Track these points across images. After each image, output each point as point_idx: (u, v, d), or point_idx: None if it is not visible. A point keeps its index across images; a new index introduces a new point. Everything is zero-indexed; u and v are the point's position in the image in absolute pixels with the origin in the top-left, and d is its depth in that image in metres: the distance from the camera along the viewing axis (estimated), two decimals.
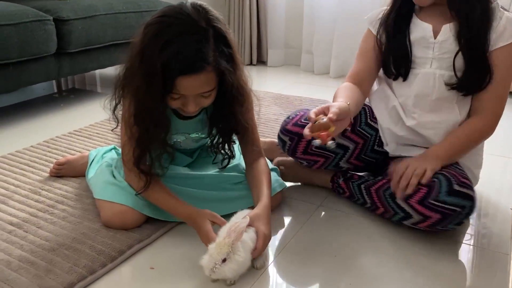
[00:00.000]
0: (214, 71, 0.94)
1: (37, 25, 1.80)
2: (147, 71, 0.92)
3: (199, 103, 0.99)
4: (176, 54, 0.89)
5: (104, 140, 1.69)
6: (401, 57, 1.15)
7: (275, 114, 2.06)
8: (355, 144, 1.24)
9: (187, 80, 0.92)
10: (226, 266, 0.88)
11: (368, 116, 1.26)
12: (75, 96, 2.43)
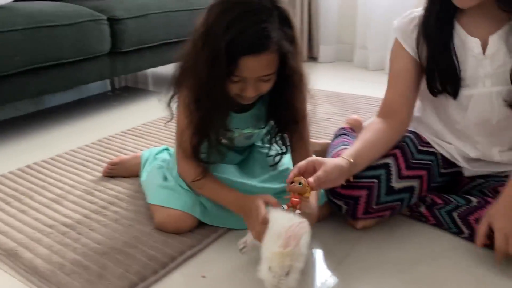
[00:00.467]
0: (277, 53, 0.92)
1: (91, 24, 1.82)
2: (211, 52, 0.90)
3: (258, 88, 0.96)
4: (240, 33, 0.88)
5: (156, 140, 1.69)
6: (448, 73, 0.99)
7: (328, 113, 1.99)
8: (419, 179, 1.06)
9: (251, 60, 0.90)
10: (290, 278, 0.80)
11: (416, 143, 1.10)
12: (128, 94, 2.46)
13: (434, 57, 1.00)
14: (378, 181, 1.02)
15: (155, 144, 1.63)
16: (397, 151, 1.06)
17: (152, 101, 2.26)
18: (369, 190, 1.02)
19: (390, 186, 1.02)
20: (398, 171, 1.03)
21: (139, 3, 2.07)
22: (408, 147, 1.08)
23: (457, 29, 0.99)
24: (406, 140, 1.09)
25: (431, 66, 1.01)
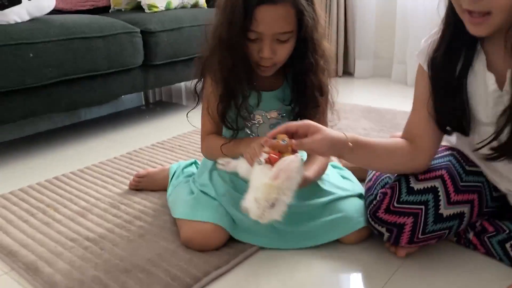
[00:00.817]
0: (293, 8, 0.92)
1: (124, 37, 1.81)
2: (230, 8, 0.92)
3: (275, 50, 0.95)
4: None
5: (185, 153, 1.64)
6: (459, 115, 0.88)
7: (365, 129, 1.89)
8: (470, 204, 0.94)
9: (266, 10, 0.90)
10: (275, 211, 0.80)
11: (462, 163, 0.97)
12: (161, 108, 2.46)
13: (438, 94, 0.89)
14: (426, 207, 0.91)
15: (184, 157, 1.59)
16: (443, 172, 0.93)
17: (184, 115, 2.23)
18: (415, 217, 0.91)
19: (438, 213, 0.91)
20: (447, 196, 0.91)
21: (173, 16, 2.06)
22: (455, 168, 0.95)
23: (477, 60, 0.85)
24: (451, 160, 0.97)
25: (441, 103, 0.89)
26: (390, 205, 0.93)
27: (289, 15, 0.92)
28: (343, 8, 2.89)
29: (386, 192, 0.95)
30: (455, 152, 1.00)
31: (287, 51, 0.97)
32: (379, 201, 0.95)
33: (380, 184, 1.02)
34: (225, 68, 0.99)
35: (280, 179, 0.79)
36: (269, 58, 0.96)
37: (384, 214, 0.94)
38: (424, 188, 0.92)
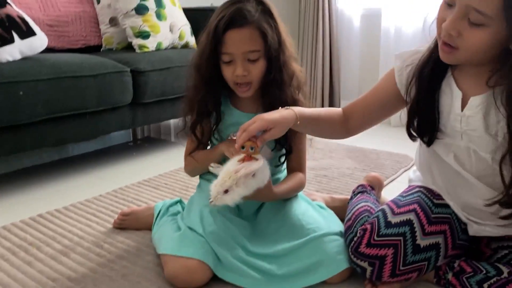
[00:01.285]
0: (257, 30, 1.05)
1: (115, 76, 1.85)
2: (206, 37, 1.07)
3: (248, 68, 1.06)
4: (225, 15, 1.04)
5: (171, 191, 1.65)
6: (427, 123, 0.98)
7: (349, 169, 1.93)
8: (443, 234, 1.00)
9: (233, 33, 1.03)
10: (227, 196, 0.94)
11: (430, 197, 1.05)
12: (148, 145, 2.47)
13: (418, 103, 0.98)
14: (404, 239, 0.97)
15: (170, 196, 1.60)
16: (416, 206, 1.02)
17: (172, 152, 2.26)
18: (395, 248, 0.97)
19: (416, 244, 0.97)
20: (422, 227, 0.98)
21: (163, 56, 2.12)
22: (425, 202, 1.03)
23: (448, 76, 0.96)
24: (420, 195, 1.05)
25: (414, 110, 1.00)
26: (371, 239, 0.99)
27: (254, 36, 1.05)
28: (328, 50, 3.00)
29: (366, 228, 1.01)
30: (422, 189, 1.08)
31: (259, 69, 1.08)
32: (360, 237, 1.01)
33: (360, 222, 1.08)
34: (198, 90, 1.13)
35: (240, 173, 0.92)
36: (243, 76, 1.07)
37: (366, 248, 0.99)
38: (400, 221, 0.99)
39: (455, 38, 0.83)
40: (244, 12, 1.04)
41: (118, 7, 2.17)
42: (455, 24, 0.82)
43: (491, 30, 0.80)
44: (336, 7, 3.00)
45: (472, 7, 0.79)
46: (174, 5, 2.36)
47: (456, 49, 0.85)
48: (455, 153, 0.97)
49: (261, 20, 1.05)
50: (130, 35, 2.18)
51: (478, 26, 0.80)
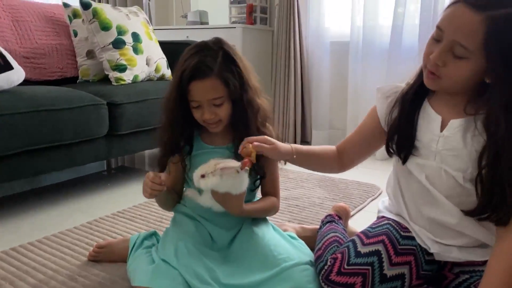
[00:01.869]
0: (219, 79, 1.12)
1: (91, 109, 1.89)
2: (173, 81, 1.16)
3: (214, 111, 1.14)
4: (188, 65, 1.12)
5: (146, 223, 1.68)
6: (405, 139, 1.08)
7: (320, 198, 2.00)
8: (408, 265, 1.07)
9: (196, 84, 1.11)
10: (202, 180, 1.05)
11: (398, 230, 1.12)
12: (123, 174, 2.48)
13: (399, 121, 1.09)
14: (372, 268, 1.04)
15: (145, 227, 1.63)
16: (384, 237, 1.09)
17: None
18: (363, 277, 1.03)
19: (383, 273, 1.04)
20: (389, 258, 1.05)
21: (139, 88, 2.17)
22: (392, 234, 1.11)
23: (425, 103, 1.08)
24: (389, 227, 1.13)
25: (394, 128, 1.10)
26: (341, 267, 1.05)
27: (217, 85, 1.12)
28: (300, 82, 3.12)
29: (336, 257, 1.08)
30: (391, 221, 1.15)
31: (225, 111, 1.16)
32: (331, 265, 1.07)
33: (330, 252, 1.15)
34: (169, 130, 1.21)
35: (219, 165, 1.03)
36: (211, 119, 1.15)
37: (336, 276, 1.04)
38: (369, 251, 1.06)
39: (441, 68, 0.95)
40: (205, 66, 1.11)
41: (96, 41, 2.23)
42: (441, 55, 0.94)
43: (471, 63, 0.91)
44: (307, 41, 3.14)
45: (457, 42, 0.91)
46: (151, 39, 2.44)
47: (440, 77, 0.97)
48: (427, 173, 1.05)
49: (221, 69, 1.12)
50: (107, 68, 2.23)
51: (461, 59, 0.92)
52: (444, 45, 0.93)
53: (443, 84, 0.98)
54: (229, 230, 1.22)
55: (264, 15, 3.38)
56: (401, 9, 2.67)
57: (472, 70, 0.92)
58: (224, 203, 1.11)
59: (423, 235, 1.10)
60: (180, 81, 1.12)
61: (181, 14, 3.82)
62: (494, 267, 0.93)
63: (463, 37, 0.90)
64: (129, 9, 2.46)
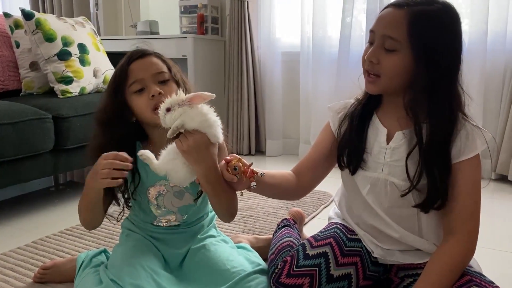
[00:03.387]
0: (158, 58, 1.12)
1: (35, 123, 1.81)
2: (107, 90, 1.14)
3: (162, 88, 1.08)
4: (125, 57, 1.12)
5: (95, 241, 1.62)
6: (355, 152, 1.10)
7: (274, 208, 2.01)
8: (354, 266, 1.11)
9: (137, 63, 1.10)
10: (168, 115, 0.95)
11: (344, 232, 1.16)
12: (71, 189, 2.40)
13: (349, 135, 1.11)
14: (319, 269, 1.07)
15: (94, 245, 1.57)
16: (331, 240, 1.13)
17: None
18: (311, 278, 1.05)
19: (330, 274, 1.07)
20: (335, 259, 1.08)
21: (87, 101, 2.11)
22: (339, 236, 1.15)
23: (374, 117, 1.11)
24: (336, 230, 1.16)
25: (344, 142, 1.12)
26: (291, 270, 1.08)
27: (158, 61, 1.12)
28: (253, 93, 3.14)
29: (286, 260, 1.10)
30: (339, 225, 1.19)
31: (171, 90, 1.07)
32: (281, 268, 1.09)
33: (282, 256, 1.17)
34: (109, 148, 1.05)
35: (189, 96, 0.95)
36: (159, 95, 1.07)
37: (286, 279, 1.06)
38: (317, 253, 1.10)
39: (376, 65, 1.00)
40: (142, 49, 1.13)
41: (40, 53, 2.14)
42: (375, 52, 1.00)
43: (402, 55, 0.97)
44: (258, 52, 3.17)
45: (387, 35, 0.98)
46: (98, 50, 2.38)
47: (378, 76, 1.01)
48: (372, 185, 1.09)
49: (159, 55, 1.15)
50: (52, 80, 2.15)
51: (392, 52, 0.98)
52: (376, 43, 1.00)
53: (382, 83, 1.01)
54: (180, 248, 1.20)
55: (216, 25, 3.39)
56: (349, 19, 2.75)
57: (404, 61, 0.97)
58: (192, 153, 0.96)
59: (367, 239, 1.14)
60: (115, 74, 1.10)
61: (130, 23, 3.76)
62: (432, 266, 0.99)
63: (390, 30, 0.97)
64: (75, 20, 2.39)
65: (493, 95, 2.51)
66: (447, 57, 0.97)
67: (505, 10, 2.40)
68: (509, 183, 2.42)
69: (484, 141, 0.99)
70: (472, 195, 1.00)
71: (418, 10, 0.96)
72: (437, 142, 0.98)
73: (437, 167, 0.98)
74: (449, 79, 0.98)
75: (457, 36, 0.97)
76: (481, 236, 1.04)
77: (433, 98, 0.98)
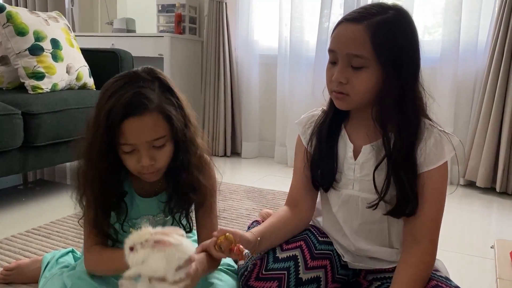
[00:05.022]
0: (160, 114, 0.93)
1: (3, 119, 1.76)
2: (95, 124, 0.92)
3: (154, 157, 0.95)
4: (118, 100, 0.90)
5: (63, 240, 1.58)
6: (327, 173, 1.08)
7: (248, 209, 2.01)
8: (323, 269, 1.10)
9: (132, 123, 0.90)
10: (131, 255, 0.79)
11: (316, 235, 1.15)
12: (41, 188, 2.33)
13: (319, 155, 1.09)
14: (288, 272, 1.05)
15: (62, 245, 1.53)
16: (302, 243, 1.11)
17: (67, 196, 2.14)
18: (279, 281, 1.04)
19: (299, 277, 1.06)
20: (305, 262, 1.07)
21: (58, 98, 2.05)
22: (310, 239, 1.14)
23: (342, 132, 1.09)
24: (308, 232, 1.15)
25: (316, 163, 1.11)
26: (260, 273, 1.06)
27: (158, 121, 0.93)
28: (230, 94, 3.13)
29: (256, 263, 1.08)
30: (311, 227, 1.18)
31: (166, 154, 0.97)
32: (250, 271, 1.07)
33: (252, 258, 1.13)
34: (95, 185, 0.98)
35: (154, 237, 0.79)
36: (150, 166, 0.95)
37: (255, 282, 1.05)
38: (286, 257, 1.08)
39: (345, 85, 0.96)
40: (143, 98, 0.91)
41: (10, 47, 2.08)
42: (343, 72, 0.96)
43: (371, 70, 0.94)
44: (236, 53, 3.16)
45: (351, 53, 0.94)
46: (72, 46, 2.33)
47: (348, 95, 0.98)
48: (343, 201, 1.08)
49: (162, 102, 0.93)
50: (22, 75, 2.09)
51: (360, 69, 0.95)
52: (341, 62, 0.96)
53: (353, 100, 0.99)
54: None
55: (193, 25, 3.37)
56: (326, 24, 2.77)
57: (374, 77, 0.95)
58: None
59: (337, 244, 1.15)
60: (108, 120, 0.89)
61: (106, 21, 3.70)
62: (399, 279, 0.99)
63: (355, 48, 0.94)
64: (48, 14, 2.33)
65: (464, 102, 2.58)
66: (411, 61, 0.97)
67: (476, 20, 2.47)
68: (477, 189, 2.49)
69: (452, 148, 0.99)
70: (437, 204, 1.00)
71: (376, 21, 0.93)
72: (406, 150, 0.97)
73: (406, 175, 0.97)
74: (413, 83, 0.98)
75: (415, 37, 0.97)
76: (449, 240, 1.06)
77: (401, 106, 0.97)
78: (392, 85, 0.95)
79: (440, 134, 0.99)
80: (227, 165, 2.97)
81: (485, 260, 1.57)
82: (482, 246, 1.70)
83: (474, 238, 1.80)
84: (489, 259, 1.57)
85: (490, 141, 2.39)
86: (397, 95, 0.96)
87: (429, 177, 0.98)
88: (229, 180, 2.48)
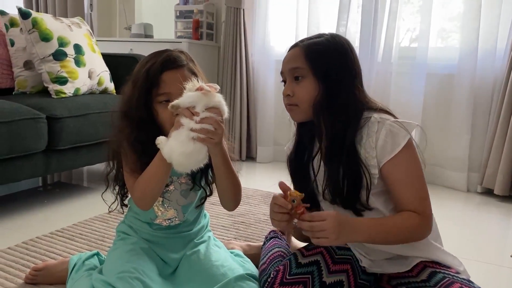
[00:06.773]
0: (190, 72, 1.11)
1: (29, 122, 1.80)
2: (134, 82, 1.11)
3: None
4: (157, 60, 1.10)
5: (87, 243, 1.61)
6: (311, 198, 1.15)
7: (265, 214, 2.02)
8: (345, 273, 1.13)
9: (171, 74, 1.08)
10: None
11: None
12: (60, 190, 2.38)
13: (300, 183, 1.19)
14: (312, 276, 1.09)
15: (86, 247, 1.56)
16: (322, 249, 1.15)
17: (86, 198, 2.20)
18: (304, 285, 1.07)
19: (322, 281, 1.08)
20: (327, 266, 1.10)
21: (81, 102, 2.10)
22: (330, 246, 1.16)
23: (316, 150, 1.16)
24: None
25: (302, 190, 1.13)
26: (283, 278, 1.09)
27: (189, 76, 1.09)
28: (246, 99, 3.16)
29: (279, 269, 1.12)
30: None
31: None
32: (274, 277, 1.10)
33: (273, 265, 1.19)
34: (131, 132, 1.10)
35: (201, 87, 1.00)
36: None
37: (279, 287, 1.08)
38: (309, 262, 1.12)
39: (292, 98, 1.11)
40: (176, 57, 1.11)
41: (35, 52, 2.13)
42: (289, 86, 1.12)
43: (308, 80, 1.09)
44: (253, 59, 3.19)
45: (292, 67, 1.11)
46: (94, 51, 2.37)
47: (296, 105, 1.11)
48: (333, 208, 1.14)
49: (190, 65, 1.14)
50: (46, 80, 2.14)
51: (301, 80, 1.10)
52: (287, 79, 1.13)
53: (302, 110, 1.11)
54: (177, 252, 1.21)
55: (211, 31, 3.41)
56: (342, 29, 2.79)
57: (312, 85, 1.09)
58: None
59: (354, 250, 1.17)
60: (148, 74, 1.08)
61: (124, 26, 3.75)
62: (388, 218, 1.07)
63: (294, 62, 1.11)
64: (71, 20, 2.39)
65: (481, 110, 2.57)
66: (341, 73, 1.09)
67: (495, 27, 2.47)
68: (495, 197, 2.48)
69: (406, 133, 1.04)
70: (415, 183, 1.06)
71: (309, 42, 1.12)
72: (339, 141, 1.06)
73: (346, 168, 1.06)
74: (349, 88, 1.09)
75: (344, 56, 1.09)
76: (467, 248, 1.07)
77: (331, 105, 1.07)
78: (324, 93, 1.08)
79: (392, 124, 1.05)
80: (242, 170, 2.99)
81: (503, 268, 1.57)
82: (500, 255, 1.70)
83: (492, 247, 1.80)
84: (507, 267, 1.57)
85: (508, 149, 2.38)
86: (325, 97, 1.08)
87: (393, 165, 1.05)
88: (246, 185, 2.50)
